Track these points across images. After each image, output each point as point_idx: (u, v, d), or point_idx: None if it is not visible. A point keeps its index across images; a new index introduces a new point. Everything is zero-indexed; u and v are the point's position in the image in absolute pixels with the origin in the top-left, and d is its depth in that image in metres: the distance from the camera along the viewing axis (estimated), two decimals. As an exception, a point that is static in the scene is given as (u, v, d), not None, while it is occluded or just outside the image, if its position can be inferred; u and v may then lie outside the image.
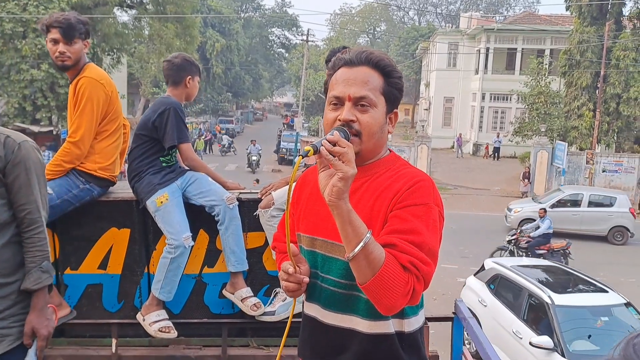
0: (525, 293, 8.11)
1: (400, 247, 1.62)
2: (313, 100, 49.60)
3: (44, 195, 2.38)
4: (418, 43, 50.06)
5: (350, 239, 1.58)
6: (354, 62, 1.76)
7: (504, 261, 9.70)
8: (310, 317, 1.90)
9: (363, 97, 1.73)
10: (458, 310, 3.18)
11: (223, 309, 3.26)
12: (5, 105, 23.39)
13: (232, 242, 3.11)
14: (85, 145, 3.00)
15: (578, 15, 26.55)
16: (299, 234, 1.94)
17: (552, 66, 29.91)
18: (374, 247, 1.57)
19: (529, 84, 27.55)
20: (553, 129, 26.28)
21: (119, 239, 3.16)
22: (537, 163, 23.74)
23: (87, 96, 2.97)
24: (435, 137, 32.50)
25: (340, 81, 1.76)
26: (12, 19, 21.72)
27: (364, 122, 1.73)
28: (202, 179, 3.18)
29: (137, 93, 34.37)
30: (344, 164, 1.55)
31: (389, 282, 1.57)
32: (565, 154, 22.55)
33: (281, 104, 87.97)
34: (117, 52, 26.16)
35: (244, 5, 62.57)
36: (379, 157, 1.84)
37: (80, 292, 3.20)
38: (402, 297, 1.60)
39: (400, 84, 1.81)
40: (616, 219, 17.42)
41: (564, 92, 27.85)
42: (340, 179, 1.55)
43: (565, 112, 27.11)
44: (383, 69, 1.77)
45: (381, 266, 1.57)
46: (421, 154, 25.16)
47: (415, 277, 1.61)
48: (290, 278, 1.77)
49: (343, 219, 1.57)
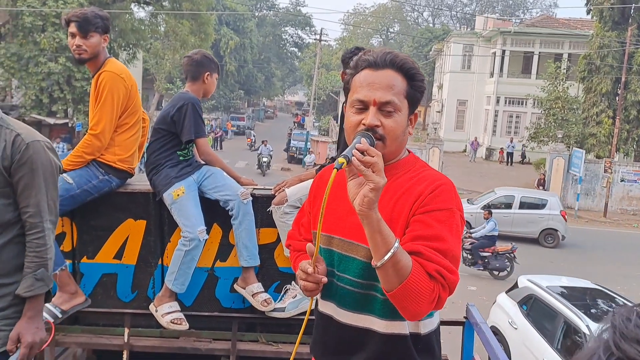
0: (561, 319, 7.25)
1: (426, 256, 1.63)
2: (324, 100, 49.69)
3: (53, 199, 2.30)
4: (432, 44, 49.91)
5: (379, 247, 1.59)
6: (378, 64, 1.75)
7: (540, 280, 8.77)
8: (325, 314, 1.90)
9: (388, 102, 1.72)
10: (469, 314, 3.16)
11: (234, 303, 3.32)
12: (23, 97, 23.67)
13: (245, 237, 3.16)
14: (105, 138, 3.08)
15: (599, 19, 26.13)
16: (315, 233, 1.92)
17: (570, 71, 29.57)
18: (402, 256, 1.59)
19: (546, 89, 27.18)
20: (570, 136, 25.88)
21: (135, 230, 3.23)
22: (552, 170, 23.33)
23: (108, 90, 3.05)
24: (448, 140, 32.33)
25: (364, 84, 1.75)
26: (32, 12, 22.00)
27: (388, 127, 1.73)
28: (217, 173, 3.24)
29: (152, 88, 34.63)
30: (375, 174, 1.55)
31: (415, 291, 1.59)
32: (582, 161, 22.10)
33: (292, 103, 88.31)
34: (133, 47, 26.42)
35: (258, 4, 62.79)
36: (398, 158, 1.84)
37: (95, 281, 3.27)
38: (427, 304, 1.62)
39: (423, 87, 1.81)
40: (547, 222, 17.18)
41: (583, 97, 27.38)
42: (372, 190, 1.55)
43: (583, 118, 26.63)
44: (407, 72, 1.76)
45: (408, 275, 1.58)
46: (433, 156, 24.98)
47: (441, 286, 1.63)
48: (309, 278, 1.77)
49: (373, 228, 1.58)
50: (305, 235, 2.05)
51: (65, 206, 3.06)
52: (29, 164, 2.19)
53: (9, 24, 23.07)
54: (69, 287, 3.13)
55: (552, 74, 27.13)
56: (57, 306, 3.08)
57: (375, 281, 1.71)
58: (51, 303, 3.09)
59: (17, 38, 22.81)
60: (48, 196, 2.26)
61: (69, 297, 3.13)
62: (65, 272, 3.11)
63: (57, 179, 2.37)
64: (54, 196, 2.31)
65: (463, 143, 37.87)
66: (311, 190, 2.03)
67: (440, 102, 42.88)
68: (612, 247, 17.41)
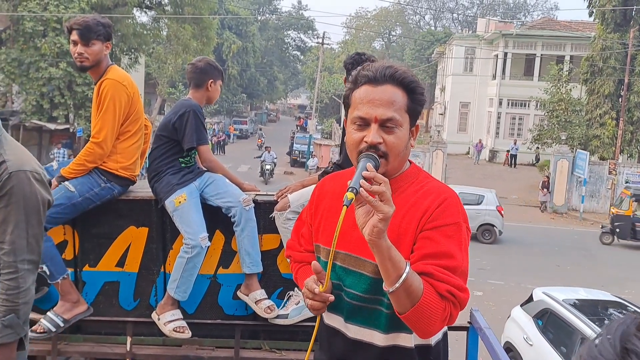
0: (578, 336, 6.77)
1: (437, 276, 1.64)
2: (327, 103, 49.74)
3: (34, 237, 2.08)
4: (434, 47, 49.97)
5: (389, 273, 1.59)
6: (378, 79, 1.73)
7: (556, 292, 8.20)
8: (330, 327, 1.90)
9: (390, 118, 1.71)
10: (474, 319, 3.13)
11: (236, 310, 3.31)
12: (23, 102, 23.72)
13: (248, 244, 3.15)
14: (107, 146, 3.09)
15: (601, 21, 26.14)
16: (317, 246, 1.92)
17: (573, 73, 29.56)
18: (413, 280, 1.59)
19: (549, 91, 27.16)
20: (574, 138, 25.80)
21: (137, 237, 3.22)
22: (557, 172, 23.26)
23: (110, 97, 3.06)
24: (450, 142, 32.34)
25: (365, 101, 1.73)
26: (32, 17, 22.09)
27: (390, 143, 1.72)
28: (219, 180, 3.23)
29: (154, 93, 34.75)
30: (384, 204, 1.54)
31: (427, 312, 1.61)
32: (586, 163, 22.09)
33: (295, 106, 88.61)
34: (135, 52, 26.51)
35: (261, 8, 63.05)
36: (401, 171, 1.84)
37: (97, 289, 3.27)
38: (440, 323, 1.65)
39: (423, 100, 1.80)
40: (484, 217, 17.19)
41: (586, 99, 27.39)
42: (381, 220, 1.54)
43: (586, 120, 26.63)
44: (407, 85, 1.75)
45: (420, 297, 1.60)
46: (436, 159, 24.93)
47: (452, 304, 1.65)
48: (316, 297, 1.76)
49: (383, 256, 1.58)
50: (306, 247, 2.02)
51: (67, 214, 3.07)
52: (9, 196, 2.01)
53: (10, 29, 23.15)
54: (71, 296, 3.13)
55: (555, 76, 27.10)
56: (59, 315, 3.09)
57: (382, 296, 1.71)
58: (53, 312, 3.10)
59: (17, 43, 22.89)
60: (28, 233, 2.05)
61: (71, 305, 3.13)
62: (67, 281, 3.11)
63: (44, 213, 2.16)
64: (37, 233, 2.09)
65: (466, 145, 37.88)
66: (311, 200, 2.00)
67: (442, 104, 42.90)
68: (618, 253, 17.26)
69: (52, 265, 3.05)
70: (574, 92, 27.76)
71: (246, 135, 51.04)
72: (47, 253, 3.03)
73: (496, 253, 15.49)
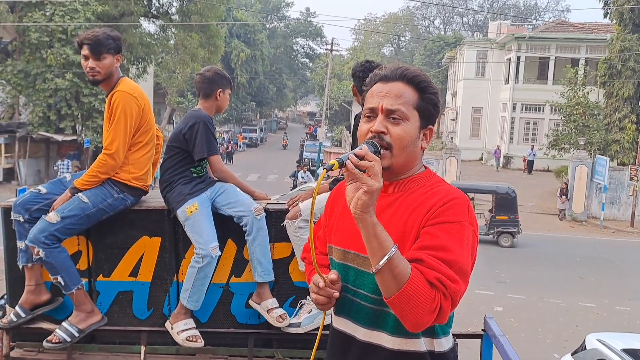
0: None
1: (427, 263, 1.63)
2: (336, 110, 49.92)
3: None
4: (444, 52, 50.02)
5: (375, 252, 1.62)
6: (389, 77, 1.83)
7: (614, 340, 7.11)
8: (339, 331, 1.92)
9: (395, 110, 1.78)
10: (488, 327, 3.16)
11: (249, 319, 3.38)
12: (30, 114, 24.01)
13: (259, 253, 3.23)
14: (120, 157, 3.19)
15: (619, 22, 25.83)
16: (330, 246, 1.97)
17: (590, 76, 29.31)
18: (399, 262, 1.60)
19: (566, 94, 26.78)
20: (592, 142, 25.33)
21: (150, 247, 3.31)
22: (575, 179, 22.68)
23: (121, 109, 3.16)
24: (463, 148, 32.22)
25: (375, 94, 1.83)
26: (38, 28, 22.41)
27: (394, 134, 1.78)
28: (230, 189, 3.32)
29: (163, 102, 35.11)
30: (370, 178, 1.60)
31: (414, 298, 1.59)
32: (606, 169, 21.56)
33: (304, 113, 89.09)
34: (143, 61, 26.78)
35: (269, 16, 63.53)
36: (413, 172, 1.87)
37: (111, 299, 3.36)
38: (428, 313, 1.61)
39: (434, 100, 1.85)
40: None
41: (604, 103, 26.94)
42: (365, 193, 1.60)
43: (605, 124, 26.18)
44: (418, 84, 1.82)
45: (406, 281, 1.59)
46: (450, 166, 24.64)
47: (442, 295, 1.62)
48: (320, 292, 1.82)
49: (368, 232, 1.62)
50: (321, 249, 2.08)
51: (81, 225, 3.17)
52: None
53: (16, 41, 23.45)
54: (86, 306, 3.23)
55: (572, 79, 26.85)
56: (74, 325, 3.18)
57: None
58: (68, 322, 3.19)
59: (24, 55, 23.23)
60: None
61: (85, 315, 3.22)
62: (81, 291, 3.20)
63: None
64: None
65: (479, 151, 37.79)
66: (327, 205, 2.08)
67: (454, 110, 42.87)
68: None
69: (67, 276, 3.15)
70: (591, 96, 27.43)
71: (255, 144, 51.31)
72: (62, 264, 3.14)
73: (515, 264, 15.14)
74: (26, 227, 3.18)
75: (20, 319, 3.25)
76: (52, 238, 3.08)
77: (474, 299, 10.62)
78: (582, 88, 26.58)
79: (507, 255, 16.09)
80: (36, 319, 3.30)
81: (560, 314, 11.26)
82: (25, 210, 3.21)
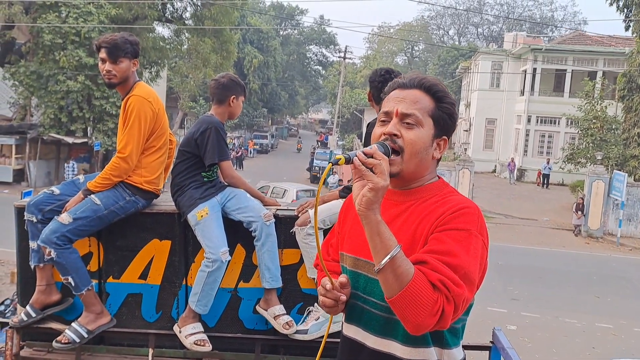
0: None
1: (431, 265, 1.64)
2: (348, 118, 50.05)
3: None
4: (458, 62, 50.03)
5: (378, 250, 1.63)
6: (407, 85, 1.88)
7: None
8: (349, 338, 1.93)
9: (409, 114, 1.81)
10: (496, 339, 3.18)
11: (257, 324, 3.43)
12: (42, 115, 24.25)
13: (268, 259, 3.29)
14: (133, 160, 3.27)
15: (639, 35, 25.83)
16: (342, 254, 1.99)
17: (608, 89, 29.06)
18: (402, 262, 1.61)
19: (583, 108, 26.50)
20: (610, 157, 24.93)
21: (160, 250, 3.38)
22: (592, 194, 22.33)
23: (136, 113, 3.25)
24: (476, 159, 32.14)
25: (391, 99, 1.87)
26: (51, 30, 22.65)
27: (407, 138, 1.80)
28: (240, 195, 3.39)
29: (176, 107, 35.36)
30: (376, 175, 1.62)
31: (416, 298, 1.59)
32: (624, 185, 21.20)
33: (316, 121, 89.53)
34: (155, 65, 26.95)
35: (283, 23, 63.99)
36: (425, 182, 1.89)
37: (120, 300, 3.43)
38: (430, 316, 1.60)
39: (450, 110, 1.88)
40: None
41: (622, 117, 26.51)
42: (371, 190, 1.62)
43: (623, 139, 25.73)
44: (435, 93, 1.86)
45: (409, 281, 1.59)
46: (463, 179, 24.12)
47: (445, 298, 1.61)
48: (327, 294, 1.84)
49: (372, 229, 1.64)
50: (334, 256, 2.12)
51: (93, 227, 3.25)
52: None
53: (30, 42, 23.70)
54: (95, 307, 3.30)
55: (590, 92, 26.47)
56: (83, 326, 3.25)
57: None
58: (77, 322, 3.26)
59: (37, 56, 23.45)
60: None
61: (94, 317, 3.29)
62: (91, 292, 3.28)
63: None
64: None
65: (492, 163, 37.67)
66: (340, 212, 2.12)
67: (467, 120, 42.79)
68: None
69: (77, 277, 3.22)
70: (610, 110, 27.07)
71: (266, 150, 51.49)
72: (73, 265, 3.21)
73: (529, 281, 14.81)
74: (39, 227, 3.25)
75: (31, 319, 3.32)
76: (64, 239, 3.15)
77: (487, 316, 10.45)
78: (600, 102, 26.40)
79: (521, 272, 15.77)
80: (46, 319, 3.36)
81: (576, 335, 11.00)
82: (39, 211, 3.28)
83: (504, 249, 17.70)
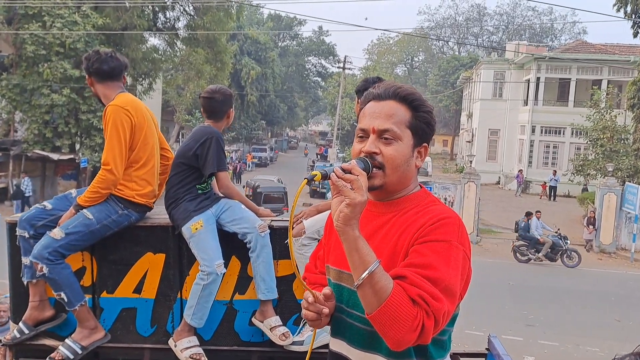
0: None
1: (410, 280, 1.67)
2: (348, 130, 50.20)
3: None
4: (459, 72, 50.35)
5: (356, 266, 1.68)
6: (381, 96, 1.91)
7: None
8: (335, 353, 1.99)
9: (386, 130, 1.86)
10: (492, 346, 3.27)
11: (253, 336, 3.52)
12: (26, 131, 23.96)
13: (263, 270, 3.39)
14: (118, 171, 3.33)
15: (649, 41, 25.74)
16: (327, 266, 2.05)
17: (618, 98, 29.05)
18: (381, 277, 1.65)
19: (592, 117, 26.44)
20: (621, 169, 24.73)
21: (154, 263, 3.48)
22: (603, 207, 22.06)
23: (112, 123, 3.34)
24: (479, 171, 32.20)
25: (367, 114, 1.91)
26: (34, 41, 22.31)
27: (387, 154, 1.85)
28: (235, 206, 3.50)
29: (172, 120, 35.45)
30: (353, 191, 1.67)
31: (395, 314, 1.63)
32: (637, 198, 20.92)
33: (316, 133, 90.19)
34: (147, 77, 26.76)
35: (281, 34, 64.40)
36: (408, 192, 1.93)
37: (115, 315, 3.51)
38: (410, 331, 1.64)
39: (428, 118, 1.91)
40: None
41: (633, 127, 26.26)
42: (348, 205, 1.66)
43: (634, 149, 25.44)
44: (411, 102, 1.89)
45: (387, 297, 1.63)
46: (469, 192, 23.46)
47: (425, 313, 1.65)
48: (309, 307, 1.88)
49: (350, 245, 1.69)
50: (321, 269, 2.18)
51: (85, 241, 3.33)
52: None
53: (13, 54, 23.38)
54: (89, 323, 3.37)
55: (598, 101, 26.29)
56: (77, 342, 3.32)
57: None
58: (71, 339, 3.33)
59: (20, 69, 23.13)
60: None
61: (88, 332, 3.36)
62: (84, 308, 3.35)
63: None
64: None
65: (496, 174, 37.77)
66: (327, 224, 2.19)
67: (470, 131, 42.95)
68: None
69: (70, 293, 3.29)
70: (619, 119, 26.84)
71: (265, 163, 51.42)
72: (65, 280, 3.28)
73: (544, 303, 14.17)
74: (31, 242, 3.32)
75: (24, 335, 3.38)
76: (56, 254, 3.22)
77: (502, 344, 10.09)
78: (609, 111, 26.25)
79: (534, 293, 15.21)
80: (39, 335, 3.42)
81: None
82: (31, 226, 3.35)
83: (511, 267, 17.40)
